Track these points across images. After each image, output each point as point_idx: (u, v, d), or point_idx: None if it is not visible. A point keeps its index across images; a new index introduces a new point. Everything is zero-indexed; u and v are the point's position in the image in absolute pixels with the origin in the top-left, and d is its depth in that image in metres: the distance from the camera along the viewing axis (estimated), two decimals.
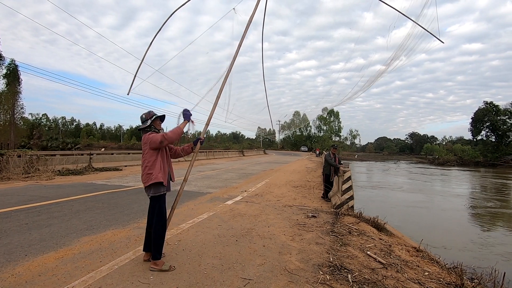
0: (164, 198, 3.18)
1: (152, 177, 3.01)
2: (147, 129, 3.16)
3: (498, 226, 9.47)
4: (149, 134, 3.08)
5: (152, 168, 3.03)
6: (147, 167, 3.05)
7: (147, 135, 3.08)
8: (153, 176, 3.00)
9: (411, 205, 12.06)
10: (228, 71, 3.89)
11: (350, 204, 6.63)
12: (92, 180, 10.19)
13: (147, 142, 3.05)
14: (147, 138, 3.05)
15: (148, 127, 3.15)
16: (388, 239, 5.19)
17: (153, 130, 3.17)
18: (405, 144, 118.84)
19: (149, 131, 3.14)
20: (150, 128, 3.16)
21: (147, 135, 3.07)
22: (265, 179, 12.32)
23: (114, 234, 4.17)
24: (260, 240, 4.22)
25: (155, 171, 3.02)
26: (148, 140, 3.04)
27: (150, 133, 3.09)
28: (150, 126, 3.16)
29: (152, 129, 3.16)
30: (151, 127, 3.16)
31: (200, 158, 26.72)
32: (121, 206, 6.03)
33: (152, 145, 3.02)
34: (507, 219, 10.32)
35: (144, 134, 3.14)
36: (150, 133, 3.10)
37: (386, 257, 4.08)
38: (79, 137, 77.01)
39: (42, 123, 77.04)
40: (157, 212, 3.10)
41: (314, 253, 3.82)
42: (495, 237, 8.00)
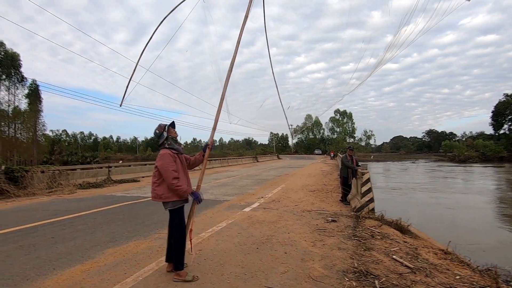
0: (183, 209, 3.20)
1: (162, 196, 3.04)
2: (164, 142, 3.16)
3: None
4: (167, 154, 3.04)
5: (161, 186, 3.04)
6: (156, 183, 3.07)
7: (163, 154, 3.06)
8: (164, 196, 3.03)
9: (433, 204, 11.64)
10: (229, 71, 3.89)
11: (370, 206, 6.46)
12: (111, 192, 10.43)
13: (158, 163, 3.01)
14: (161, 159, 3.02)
15: (166, 139, 3.17)
16: (414, 242, 5.01)
17: (171, 140, 3.17)
18: (422, 142, 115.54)
19: (166, 143, 3.15)
20: (167, 140, 3.17)
21: (163, 155, 3.05)
22: (281, 185, 12.24)
23: (137, 246, 4.22)
24: (281, 247, 4.17)
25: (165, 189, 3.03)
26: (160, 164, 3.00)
27: (168, 152, 3.06)
28: (167, 138, 3.17)
29: (170, 140, 3.16)
30: (168, 138, 3.17)
31: (215, 166, 26.89)
32: (141, 217, 6.12)
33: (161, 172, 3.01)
34: None
35: (163, 148, 3.14)
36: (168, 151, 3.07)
37: (413, 261, 3.93)
38: (97, 150, 79.38)
39: (62, 139, 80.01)
40: (177, 223, 3.12)
41: (337, 258, 3.74)
42: None
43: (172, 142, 3.18)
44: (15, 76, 37.11)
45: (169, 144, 3.15)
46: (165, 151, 3.09)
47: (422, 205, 11.61)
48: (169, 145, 3.15)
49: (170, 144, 3.16)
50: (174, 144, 3.18)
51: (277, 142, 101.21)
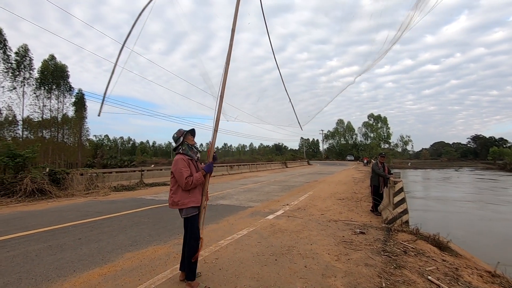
0: (197, 218, 3.14)
1: (178, 203, 3.03)
2: (179, 147, 3.17)
3: None
4: (179, 159, 3.04)
5: (177, 192, 3.05)
6: (173, 190, 3.09)
7: (178, 159, 3.06)
8: (180, 203, 3.02)
9: (479, 219, 10.50)
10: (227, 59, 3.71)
11: (404, 219, 5.94)
12: (142, 195, 10.80)
13: (174, 169, 3.03)
14: (175, 164, 3.03)
15: (181, 144, 3.16)
16: (454, 261, 4.46)
17: (186, 146, 3.16)
18: (467, 148, 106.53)
19: (181, 148, 3.15)
20: (182, 145, 3.16)
21: (178, 160, 3.04)
22: (308, 192, 11.85)
23: (155, 251, 4.22)
24: (301, 259, 3.92)
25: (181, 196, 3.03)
26: (175, 169, 3.01)
27: (181, 158, 3.05)
28: (182, 143, 3.17)
29: (184, 146, 3.16)
30: (183, 143, 3.17)
31: (244, 171, 26.97)
32: (164, 221, 6.20)
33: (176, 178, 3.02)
34: None
35: (177, 153, 3.15)
36: (181, 157, 3.07)
37: (452, 284, 3.47)
38: (134, 154, 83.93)
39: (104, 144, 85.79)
40: (190, 232, 3.08)
41: (363, 276, 3.40)
42: None
43: (187, 148, 3.17)
44: (64, 86, 40.60)
45: (183, 149, 3.15)
46: (179, 156, 3.10)
47: (466, 219, 10.52)
48: (183, 150, 3.15)
49: (185, 150, 3.16)
50: (188, 150, 3.17)
51: (307, 148, 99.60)
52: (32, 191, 9.78)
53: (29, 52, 35.87)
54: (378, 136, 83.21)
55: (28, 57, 35.84)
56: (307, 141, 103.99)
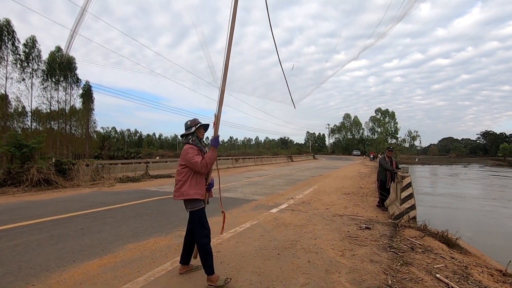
0: (203, 211, 3.02)
1: (184, 193, 2.89)
2: (189, 137, 3.05)
3: None
4: (189, 148, 2.93)
5: (185, 184, 2.90)
6: (181, 181, 2.92)
7: (188, 148, 2.94)
8: (185, 193, 2.89)
9: (489, 216, 10.26)
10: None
11: (411, 214, 5.79)
12: (146, 187, 10.82)
13: (185, 157, 2.90)
14: (186, 153, 2.90)
15: (191, 134, 3.04)
16: (463, 259, 4.32)
17: (196, 138, 3.05)
18: (476, 144, 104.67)
19: (191, 139, 3.03)
20: (192, 135, 3.05)
21: (188, 149, 2.93)
22: (313, 186, 11.72)
23: (156, 242, 4.18)
24: (304, 254, 3.82)
25: (188, 187, 2.89)
26: (187, 158, 2.88)
27: (191, 147, 2.94)
28: (193, 133, 3.05)
29: (194, 137, 3.05)
30: (194, 134, 3.05)
31: (249, 164, 26.94)
32: (167, 213, 6.16)
33: (190, 166, 2.90)
34: None
35: (186, 143, 3.02)
36: (190, 146, 2.95)
37: (462, 283, 3.33)
38: (141, 147, 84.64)
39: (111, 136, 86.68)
40: (198, 227, 2.96)
41: (368, 273, 3.29)
42: None
43: (197, 140, 3.06)
44: (71, 78, 40.85)
45: (193, 140, 3.03)
46: (189, 145, 2.98)
47: (475, 215, 10.28)
48: (193, 141, 3.03)
49: (194, 141, 3.03)
50: (198, 142, 3.06)
51: (313, 142, 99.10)
52: (38, 181, 9.87)
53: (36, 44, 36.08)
54: (386, 131, 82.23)
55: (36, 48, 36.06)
56: (313, 135, 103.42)
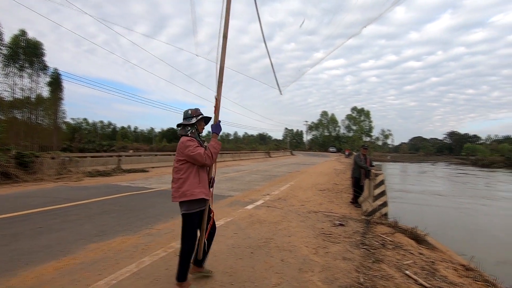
0: (197, 218, 2.72)
1: (187, 193, 2.57)
2: (188, 128, 2.74)
3: None
4: (189, 140, 2.61)
5: (186, 182, 2.59)
6: (182, 179, 2.59)
7: (187, 140, 2.61)
8: (188, 193, 2.57)
9: (454, 212, 10.84)
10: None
11: (383, 211, 5.92)
12: (117, 181, 10.33)
13: (184, 151, 2.57)
14: (185, 146, 2.58)
15: (191, 125, 2.74)
16: (430, 254, 4.46)
17: (195, 130, 2.76)
18: (443, 144, 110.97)
19: (190, 131, 2.72)
20: (192, 127, 2.75)
21: (187, 142, 2.60)
22: (290, 182, 11.78)
23: (123, 242, 3.92)
24: (278, 252, 3.75)
25: (191, 186, 2.59)
26: (187, 151, 2.56)
27: (190, 140, 2.63)
28: (193, 125, 2.75)
29: (194, 129, 2.75)
30: (194, 126, 2.76)
31: (226, 160, 26.69)
32: (137, 210, 5.86)
33: (192, 161, 2.59)
34: None
35: (183, 136, 2.70)
36: (189, 139, 2.64)
37: (429, 278, 3.41)
38: (114, 139, 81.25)
39: (83, 127, 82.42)
40: (188, 232, 2.70)
41: (340, 271, 3.28)
42: None
43: (196, 133, 2.77)
44: (38, 64, 38.15)
45: (192, 132, 2.74)
46: (187, 138, 2.65)
47: (441, 212, 10.83)
48: (192, 134, 2.73)
49: (194, 134, 2.74)
50: (197, 135, 2.78)
51: (291, 138, 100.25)
52: None
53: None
54: (361, 129, 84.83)
55: None
56: (291, 131, 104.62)
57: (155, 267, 3.13)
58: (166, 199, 6.89)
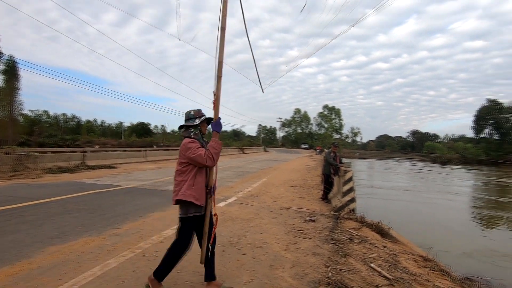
0: (193, 224, 2.59)
1: (179, 193, 2.49)
2: (191, 129, 2.63)
3: (502, 228, 8.99)
4: (190, 142, 2.51)
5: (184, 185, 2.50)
6: (183, 182, 2.51)
7: (189, 142, 2.51)
8: (181, 193, 2.48)
9: (415, 206, 11.60)
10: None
11: (351, 206, 6.16)
12: (81, 178, 9.76)
13: (186, 154, 2.48)
14: (186, 148, 2.48)
15: (194, 126, 2.63)
16: (393, 247, 4.72)
17: (199, 132, 2.65)
18: (406, 142, 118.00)
19: (193, 132, 2.61)
20: (195, 129, 2.63)
21: (189, 143, 2.50)
22: (262, 178, 11.87)
23: (86, 243, 3.71)
24: (250, 250, 3.76)
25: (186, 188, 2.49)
26: (188, 153, 2.46)
27: (192, 141, 2.53)
28: (196, 127, 2.63)
29: (197, 131, 2.64)
30: (197, 127, 2.64)
31: None
32: (103, 209, 5.58)
33: (193, 163, 2.49)
34: (509, 221, 9.83)
35: (186, 137, 2.61)
36: (192, 140, 2.54)
37: (392, 270, 3.61)
38: (79, 133, 76.57)
39: (43, 120, 76.63)
40: (181, 236, 2.58)
41: (310, 266, 3.36)
42: (499, 241, 7.52)
43: (200, 135, 2.65)
44: None
45: (195, 134, 2.61)
46: (189, 139, 2.55)
47: (404, 206, 11.52)
48: (195, 135, 2.61)
49: (197, 135, 2.62)
50: (201, 137, 2.65)
51: (264, 135, 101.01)
52: None
53: None
54: (332, 126, 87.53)
55: None
56: (264, 128, 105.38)
57: (122, 269, 3.00)
58: (135, 197, 6.62)
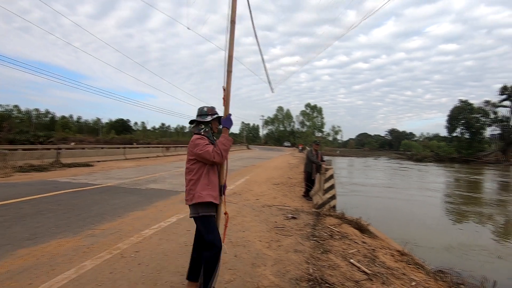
0: (213, 220, 2.49)
1: (195, 195, 2.39)
2: (202, 126, 2.55)
3: (471, 222, 9.50)
4: (199, 139, 2.45)
5: (197, 184, 2.41)
6: (192, 181, 2.43)
7: (197, 139, 2.45)
8: (196, 195, 2.39)
9: (392, 202, 12.01)
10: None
11: (332, 204, 6.28)
12: (56, 177, 9.32)
13: (194, 150, 2.41)
14: (195, 145, 2.42)
15: (205, 123, 2.55)
16: (372, 242, 4.87)
17: (210, 129, 2.58)
18: (384, 140, 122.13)
19: (203, 130, 2.54)
20: (206, 126, 2.55)
21: (197, 140, 2.44)
22: (245, 176, 11.85)
23: (60, 245, 3.55)
24: (232, 248, 3.74)
25: (200, 187, 2.40)
26: (196, 150, 2.39)
27: (201, 138, 2.46)
28: (207, 124, 2.56)
29: (208, 128, 2.57)
30: (208, 124, 2.57)
31: (181, 153, 25.86)
32: (79, 208, 5.36)
33: (201, 160, 2.42)
34: (478, 215, 10.40)
35: (195, 134, 2.54)
36: (200, 137, 2.47)
37: (370, 265, 3.72)
38: (53, 130, 73.15)
39: (13, 115, 72.48)
40: (206, 238, 2.44)
41: (292, 263, 3.39)
42: (469, 234, 7.94)
43: (210, 132, 2.59)
44: None
45: (205, 131, 2.54)
46: (199, 136, 2.48)
47: (382, 202, 11.91)
48: (205, 133, 2.54)
49: (207, 133, 2.55)
50: (211, 135, 2.58)
51: (248, 132, 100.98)
52: None
53: None
54: (313, 125, 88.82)
55: None
56: (247, 126, 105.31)
57: (98, 271, 2.89)
58: (113, 196, 6.41)
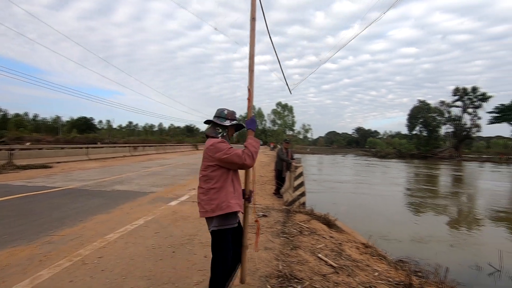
0: (228, 234, 2.28)
1: (223, 206, 2.16)
2: (219, 130, 2.36)
3: (428, 213, 10.26)
4: (220, 142, 2.23)
5: (221, 192, 2.18)
6: (214, 189, 2.18)
7: (218, 142, 2.23)
8: (224, 205, 2.16)
9: (358, 197, 12.59)
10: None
11: (302, 200, 6.44)
12: (8, 180, 8.57)
13: (216, 155, 2.17)
14: (217, 149, 2.18)
15: (223, 127, 2.37)
16: (339, 237, 5.07)
17: (227, 134, 2.40)
18: (352, 138, 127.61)
19: (221, 134, 2.35)
20: (224, 130, 2.38)
21: (218, 144, 2.21)
22: None
23: (12, 254, 3.27)
24: (202, 249, 3.70)
25: (226, 196, 2.19)
26: (219, 154, 2.16)
27: (222, 141, 2.25)
28: (225, 128, 2.38)
29: (225, 133, 2.38)
30: (225, 129, 2.39)
31: (150, 153, 25.01)
32: (36, 214, 4.98)
33: (226, 165, 2.20)
34: (434, 207, 11.27)
35: (212, 137, 2.34)
36: (222, 140, 2.28)
37: (337, 259, 3.87)
38: (5, 129, 67.04)
39: None
40: (217, 249, 2.27)
41: (262, 261, 3.43)
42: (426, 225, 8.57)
43: (227, 137, 2.40)
44: None
45: (223, 136, 2.36)
46: (218, 140, 2.28)
47: (348, 198, 12.43)
48: (223, 137, 2.35)
49: (225, 137, 2.37)
50: (227, 140, 2.39)
51: None
52: None
53: None
54: (284, 123, 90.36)
55: None
56: None
57: (57, 281, 2.71)
58: (74, 199, 6.02)
